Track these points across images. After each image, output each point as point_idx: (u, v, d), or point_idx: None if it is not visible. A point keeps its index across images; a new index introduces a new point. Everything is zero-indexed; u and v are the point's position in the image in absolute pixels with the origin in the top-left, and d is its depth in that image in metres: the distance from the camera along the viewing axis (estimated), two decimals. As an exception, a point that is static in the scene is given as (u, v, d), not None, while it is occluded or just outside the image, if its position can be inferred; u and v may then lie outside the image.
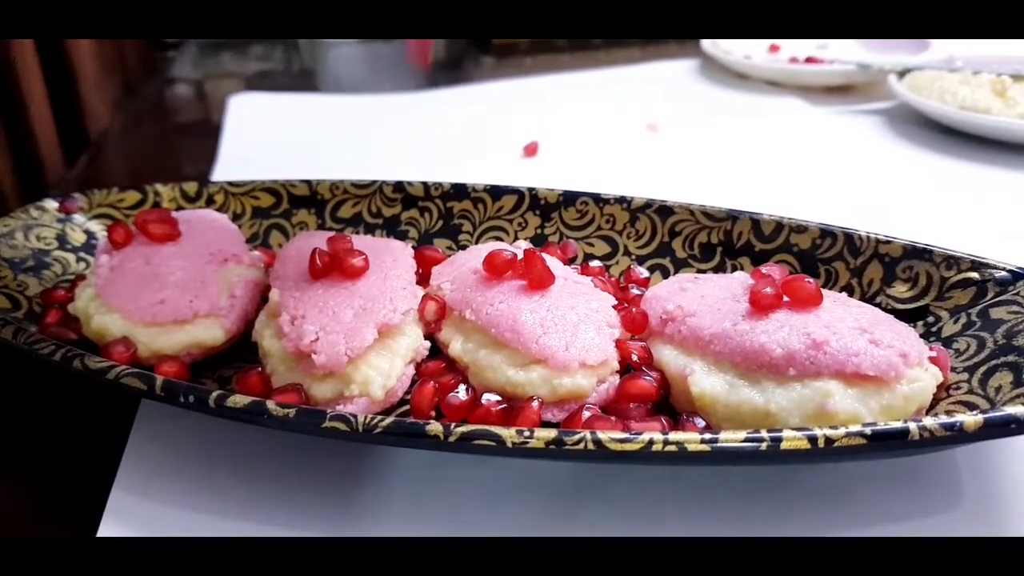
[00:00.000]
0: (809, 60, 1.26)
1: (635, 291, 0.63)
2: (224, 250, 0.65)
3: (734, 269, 0.65)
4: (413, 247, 0.66)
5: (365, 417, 0.46)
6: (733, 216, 0.66)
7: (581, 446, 0.44)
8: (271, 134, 1.15)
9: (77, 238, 0.73)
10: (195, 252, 0.63)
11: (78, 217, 0.75)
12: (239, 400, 0.48)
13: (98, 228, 0.74)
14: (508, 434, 0.44)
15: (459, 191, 0.74)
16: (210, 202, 0.77)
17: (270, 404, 0.48)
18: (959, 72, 1.07)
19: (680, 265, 0.67)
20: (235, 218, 0.75)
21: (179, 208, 0.75)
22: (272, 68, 1.52)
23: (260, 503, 0.51)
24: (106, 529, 0.49)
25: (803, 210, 0.67)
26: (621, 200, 0.70)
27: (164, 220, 0.64)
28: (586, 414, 0.51)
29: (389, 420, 0.46)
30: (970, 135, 1.00)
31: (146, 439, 0.56)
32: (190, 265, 0.62)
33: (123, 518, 0.50)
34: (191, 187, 0.77)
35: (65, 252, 0.71)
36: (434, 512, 0.50)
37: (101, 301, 0.60)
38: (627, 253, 0.69)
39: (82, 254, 0.72)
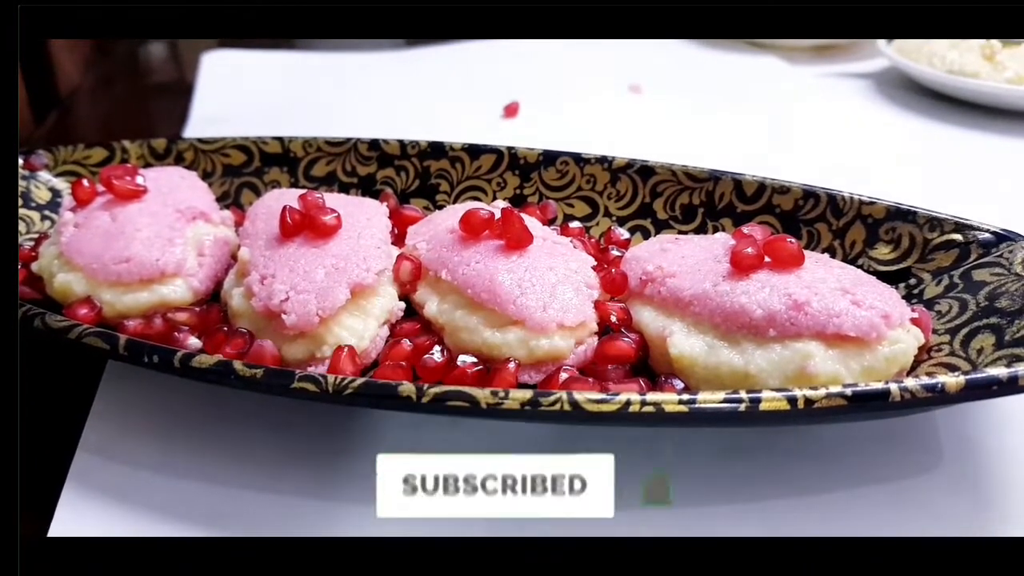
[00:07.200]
0: None
1: (615, 252, 0.61)
2: (192, 208, 0.63)
3: (716, 231, 0.64)
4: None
5: (335, 377, 0.45)
6: (715, 177, 0.65)
7: (557, 407, 0.43)
8: (245, 92, 1.12)
9: (42, 196, 0.71)
10: (162, 210, 0.61)
11: (43, 174, 0.72)
12: (205, 360, 0.47)
13: (63, 186, 0.72)
14: (482, 395, 0.43)
15: (436, 150, 0.72)
16: (179, 159, 0.74)
17: (237, 364, 0.46)
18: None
19: (661, 226, 0.66)
20: (205, 176, 0.72)
21: (147, 165, 0.73)
22: (248, 26, 1.48)
23: (229, 467, 0.50)
24: (68, 494, 0.48)
25: (786, 172, 0.66)
26: (602, 160, 0.68)
27: (130, 176, 0.62)
28: (563, 376, 0.50)
29: (360, 381, 0.45)
30: (957, 99, 0.99)
31: (112, 403, 0.55)
32: (157, 223, 0.60)
33: (86, 483, 0.49)
34: (160, 144, 0.75)
35: (29, 210, 0.69)
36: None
37: (65, 260, 0.59)
38: (608, 214, 0.68)
39: (47, 212, 0.70)
